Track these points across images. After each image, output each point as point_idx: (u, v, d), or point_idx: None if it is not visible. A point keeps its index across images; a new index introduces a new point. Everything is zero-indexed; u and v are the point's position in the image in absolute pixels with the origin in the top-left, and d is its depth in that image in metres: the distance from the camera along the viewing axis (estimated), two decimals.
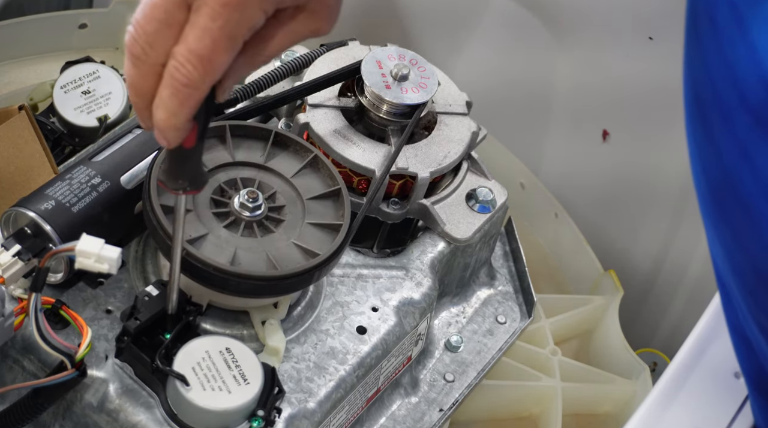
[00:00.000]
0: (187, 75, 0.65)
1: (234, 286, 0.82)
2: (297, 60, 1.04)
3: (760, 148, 0.60)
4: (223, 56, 0.66)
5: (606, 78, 1.30)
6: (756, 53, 0.59)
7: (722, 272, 0.72)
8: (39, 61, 1.23)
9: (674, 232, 1.32)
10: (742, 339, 0.74)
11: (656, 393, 0.86)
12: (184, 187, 0.72)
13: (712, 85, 0.63)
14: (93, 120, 1.08)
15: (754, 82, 0.59)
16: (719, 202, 0.66)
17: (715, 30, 0.62)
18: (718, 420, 0.84)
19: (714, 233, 0.69)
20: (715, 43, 0.62)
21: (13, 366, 0.85)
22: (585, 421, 1.15)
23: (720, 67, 0.62)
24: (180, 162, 0.71)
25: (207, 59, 0.65)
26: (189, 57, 0.65)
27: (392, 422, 0.97)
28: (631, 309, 1.26)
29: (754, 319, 0.69)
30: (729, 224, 0.66)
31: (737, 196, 0.63)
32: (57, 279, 0.85)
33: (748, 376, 0.78)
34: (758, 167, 0.61)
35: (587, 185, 1.37)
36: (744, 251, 0.66)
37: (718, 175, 0.65)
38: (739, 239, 0.66)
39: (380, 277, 0.96)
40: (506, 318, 1.08)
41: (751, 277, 0.66)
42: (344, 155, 0.97)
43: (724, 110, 0.62)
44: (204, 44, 0.65)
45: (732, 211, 0.65)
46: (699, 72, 0.64)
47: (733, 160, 0.62)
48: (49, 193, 0.84)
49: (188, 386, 0.79)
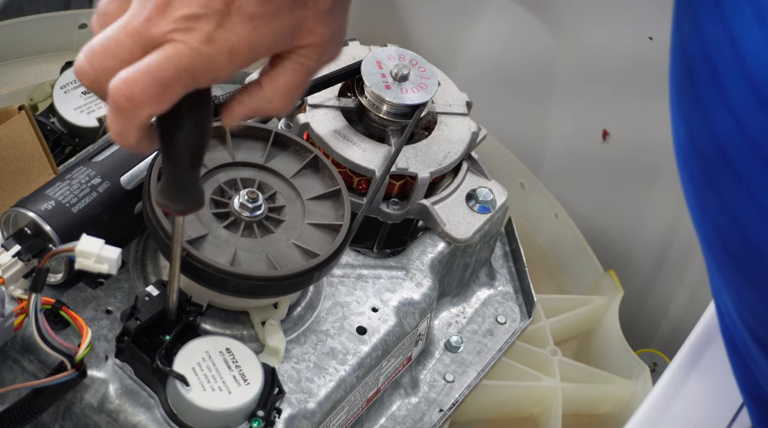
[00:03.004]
0: (128, 94, 0.64)
1: (234, 287, 0.82)
2: None
3: (761, 122, 0.59)
4: (177, 86, 0.64)
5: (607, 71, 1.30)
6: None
7: (708, 252, 0.70)
8: (39, 61, 1.23)
9: (674, 232, 1.32)
10: (732, 346, 0.73)
11: (656, 393, 0.86)
12: (180, 209, 0.72)
13: (707, 54, 0.61)
14: (93, 120, 1.08)
15: (764, 57, 0.57)
16: (709, 173, 0.64)
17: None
18: (718, 420, 0.84)
19: (697, 204, 0.67)
20: (715, 11, 0.60)
21: (13, 367, 0.85)
22: (585, 421, 1.15)
23: (719, 36, 0.60)
24: (170, 183, 0.71)
25: (156, 79, 0.64)
26: (133, 74, 0.64)
27: (392, 422, 0.97)
28: (631, 309, 1.26)
29: (739, 316, 0.68)
30: (719, 194, 0.64)
31: (732, 167, 0.62)
32: (57, 280, 0.85)
33: (739, 382, 0.78)
34: (756, 140, 0.59)
35: (587, 185, 1.37)
36: (735, 222, 0.64)
37: (710, 145, 0.63)
38: (729, 209, 0.64)
39: (380, 277, 0.97)
40: (506, 319, 1.08)
41: (740, 253, 0.65)
42: (344, 155, 0.97)
43: (720, 81, 0.60)
44: (157, 65, 0.64)
45: (725, 182, 0.63)
46: (691, 39, 0.63)
47: (728, 131, 0.61)
48: (49, 193, 0.84)
49: (188, 386, 0.79)
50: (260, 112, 0.70)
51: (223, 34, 0.63)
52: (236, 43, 0.63)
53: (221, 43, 0.63)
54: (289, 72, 0.68)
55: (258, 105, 0.69)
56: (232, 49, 0.63)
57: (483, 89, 1.24)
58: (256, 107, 0.69)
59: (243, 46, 0.64)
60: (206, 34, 0.63)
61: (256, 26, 0.64)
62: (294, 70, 0.68)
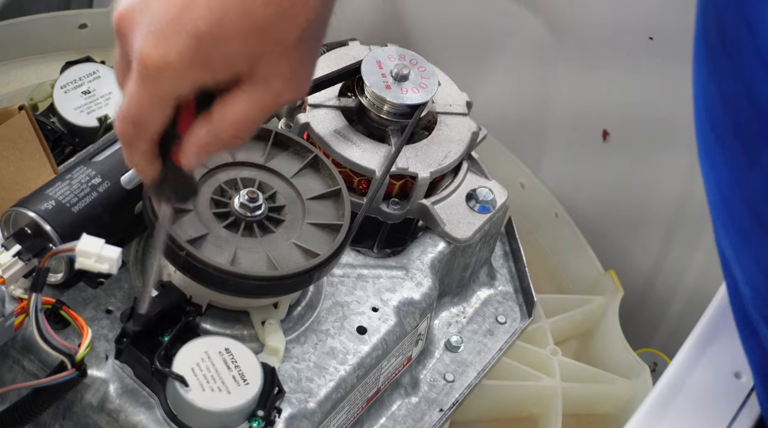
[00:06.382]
0: (122, 134, 0.69)
1: (234, 286, 0.82)
2: None
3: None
4: (149, 115, 0.67)
5: (607, 84, 1.30)
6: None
7: (728, 219, 0.68)
8: (39, 61, 1.23)
9: (674, 232, 1.32)
10: (747, 326, 0.73)
11: (656, 393, 0.86)
12: (168, 197, 0.75)
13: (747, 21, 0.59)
14: (93, 120, 1.08)
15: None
16: (744, 133, 0.63)
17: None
18: (718, 420, 0.84)
19: (726, 168, 0.65)
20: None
21: (13, 366, 0.85)
22: (585, 421, 1.15)
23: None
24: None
25: (133, 119, 0.67)
26: (120, 117, 0.68)
27: (392, 422, 0.97)
28: (631, 309, 1.26)
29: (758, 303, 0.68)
30: (753, 156, 0.63)
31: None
32: (57, 280, 0.85)
33: (753, 366, 0.77)
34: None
35: (587, 185, 1.37)
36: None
37: (746, 105, 0.61)
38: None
39: (380, 277, 0.96)
40: (506, 318, 1.08)
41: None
42: (344, 155, 0.97)
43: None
44: (129, 106, 0.67)
45: (763, 141, 0.62)
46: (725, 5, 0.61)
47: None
48: (49, 193, 0.84)
49: (187, 387, 0.79)
50: (211, 146, 0.69)
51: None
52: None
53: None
54: (240, 102, 0.67)
55: (205, 138, 0.69)
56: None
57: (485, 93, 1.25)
58: (204, 140, 0.69)
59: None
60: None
61: (200, 44, 0.64)
62: (246, 101, 0.67)
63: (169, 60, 0.63)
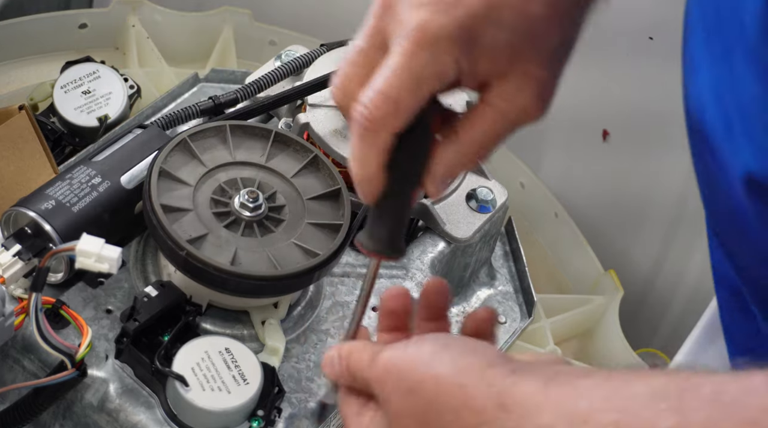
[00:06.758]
0: (368, 116, 0.61)
1: (234, 286, 0.82)
2: (297, 60, 1.04)
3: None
4: (407, 97, 0.61)
5: (607, 83, 1.30)
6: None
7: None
8: (39, 61, 1.23)
9: (674, 232, 1.32)
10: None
11: None
12: (378, 250, 0.66)
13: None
14: (93, 120, 1.08)
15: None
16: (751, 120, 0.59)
17: None
18: None
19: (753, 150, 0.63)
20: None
21: (13, 366, 0.85)
22: None
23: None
24: (373, 220, 0.66)
25: (388, 97, 0.61)
26: (371, 96, 0.61)
27: None
28: (631, 309, 1.26)
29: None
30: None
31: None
32: (57, 279, 0.85)
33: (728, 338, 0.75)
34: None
35: (587, 185, 1.37)
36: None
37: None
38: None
39: (380, 277, 0.96)
40: (506, 318, 1.08)
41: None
42: (344, 155, 0.97)
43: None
44: (387, 82, 0.61)
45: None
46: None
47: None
48: (50, 192, 0.84)
49: (187, 386, 0.79)
50: (457, 168, 0.64)
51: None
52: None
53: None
54: (488, 120, 0.63)
55: (453, 159, 0.64)
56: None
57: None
58: (452, 161, 0.64)
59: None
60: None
61: (473, 23, 0.61)
62: (494, 119, 0.63)
63: (448, 30, 0.60)
